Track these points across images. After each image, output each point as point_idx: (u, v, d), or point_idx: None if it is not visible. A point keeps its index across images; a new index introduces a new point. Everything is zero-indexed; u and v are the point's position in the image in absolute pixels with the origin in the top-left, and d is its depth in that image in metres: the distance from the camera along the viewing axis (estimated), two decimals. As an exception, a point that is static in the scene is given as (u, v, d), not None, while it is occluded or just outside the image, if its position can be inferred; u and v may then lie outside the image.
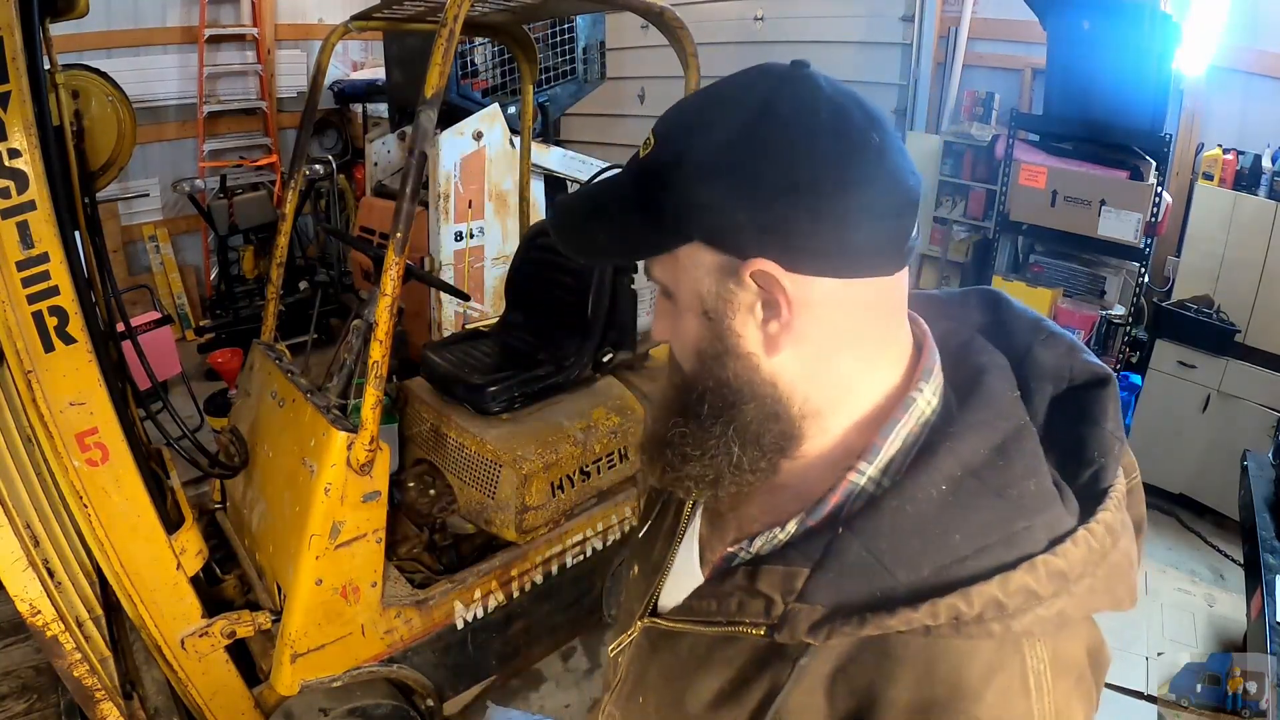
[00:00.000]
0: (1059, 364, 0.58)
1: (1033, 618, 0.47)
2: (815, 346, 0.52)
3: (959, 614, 0.47)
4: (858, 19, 4.52)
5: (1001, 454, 0.51)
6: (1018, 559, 0.48)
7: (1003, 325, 0.61)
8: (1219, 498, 3.16)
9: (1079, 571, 0.48)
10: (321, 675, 1.71)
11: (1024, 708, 0.48)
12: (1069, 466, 0.54)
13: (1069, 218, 2.91)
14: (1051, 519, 0.49)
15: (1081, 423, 0.55)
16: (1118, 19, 2.73)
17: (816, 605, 0.50)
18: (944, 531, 0.49)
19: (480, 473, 2.04)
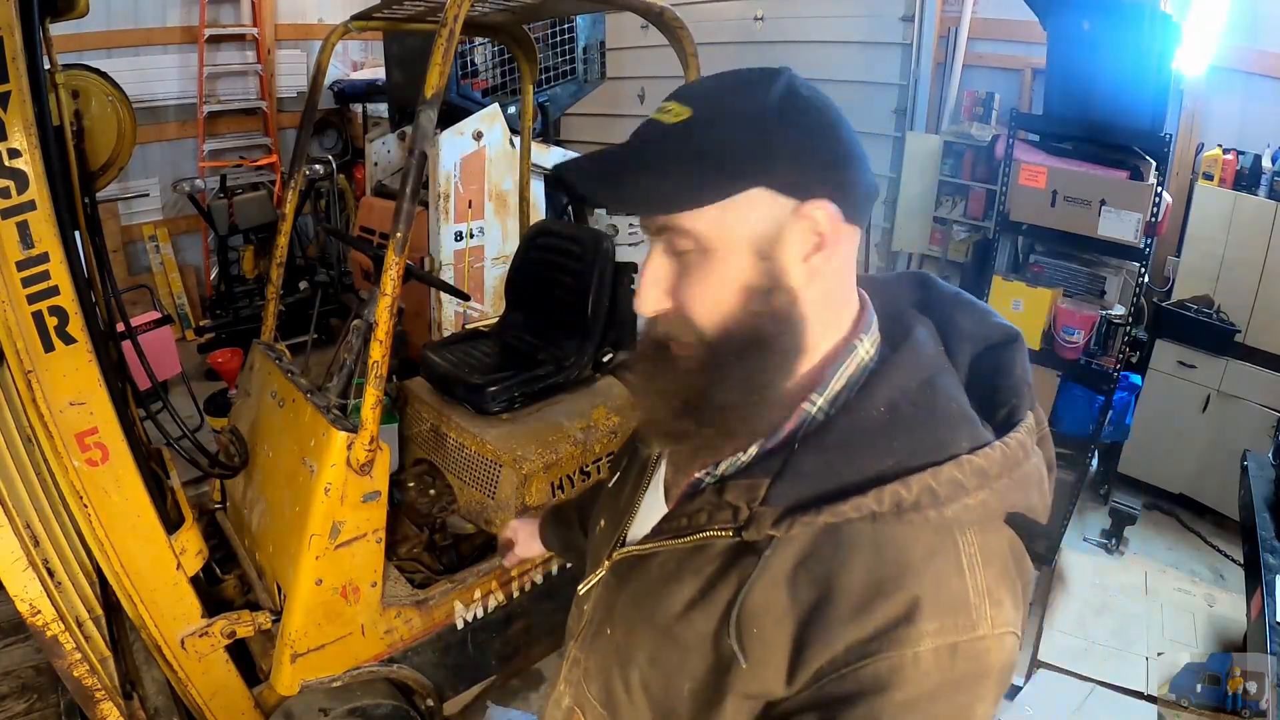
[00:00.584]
0: (975, 327, 0.68)
1: (960, 506, 0.56)
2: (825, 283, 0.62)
3: (900, 499, 0.55)
4: (858, 19, 4.51)
5: (929, 385, 0.61)
6: (946, 458, 0.57)
7: (929, 300, 0.72)
8: (1219, 498, 3.16)
9: (997, 471, 0.58)
10: (321, 675, 1.71)
11: (960, 584, 0.56)
12: (987, 409, 0.63)
13: (1069, 218, 2.91)
14: (972, 432, 0.60)
15: (996, 374, 0.66)
16: (1118, 19, 2.73)
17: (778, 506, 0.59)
18: (885, 441, 0.58)
19: (480, 473, 2.04)
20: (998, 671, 0.57)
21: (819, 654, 0.56)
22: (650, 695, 0.67)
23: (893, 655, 0.53)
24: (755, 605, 0.59)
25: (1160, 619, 2.72)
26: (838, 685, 0.55)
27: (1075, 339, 2.96)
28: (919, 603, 0.54)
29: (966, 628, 0.55)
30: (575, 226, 2.63)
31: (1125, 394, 3.20)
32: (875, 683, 0.53)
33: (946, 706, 0.54)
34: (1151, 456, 3.38)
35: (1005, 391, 0.64)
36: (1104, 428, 2.97)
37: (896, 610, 0.54)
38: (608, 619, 0.74)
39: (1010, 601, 0.58)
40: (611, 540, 0.77)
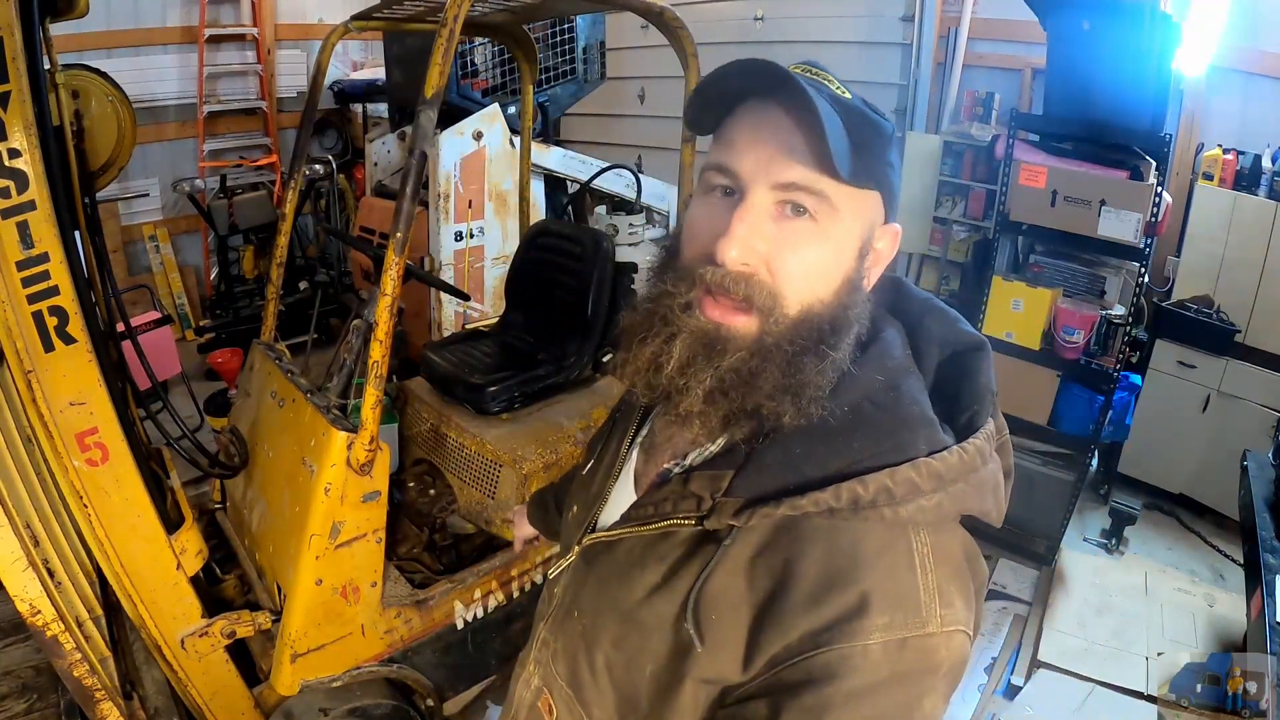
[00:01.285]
0: (944, 333, 0.70)
1: (915, 507, 0.58)
2: None
3: (857, 497, 0.57)
4: (858, 19, 4.52)
5: (892, 388, 0.63)
6: (904, 459, 0.58)
7: (901, 303, 0.73)
8: (1219, 498, 3.16)
9: (953, 475, 0.59)
10: (321, 675, 1.70)
11: (910, 581, 0.57)
12: (950, 414, 0.65)
13: (1069, 218, 2.90)
14: (931, 435, 0.61)
15: (961, 379, 0.67)
16: (1118, 19, 2.73)
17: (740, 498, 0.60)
18: (846, 440, 0.60)
19: (480, 473, 2.04)
20: (947, 668, 0.58)
21: (773, 641, 0.57)
22: (614, 677, 0.69)
23: (843, 646, 0.55)
24: (714, 591, 0.61)
25: (1160, 619, 2.72)
26: (789, 673, 0.56)
27: (1075, 339, 2.96)
28: (870, 596, 0.56)
29: (916, 624, 0.56)
30: (575, 226, 2.63)
31: (1125, 394, 3.20)
32: (825, 672, 0.55)
33: (892, 699, 0.56)
34: (1151, 456, 3.38)
35: (968, 397, 0.66)
36: (1104, 428, 2.97)
37: (848, 602, 0.56)
38: (575, 602, 0.75)
39: (961, 601, 0.59)
40: (582, 526, 0.79)
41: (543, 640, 0.80)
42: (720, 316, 0.61)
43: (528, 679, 0.82)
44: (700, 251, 0.61)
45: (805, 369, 0.60)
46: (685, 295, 0.61)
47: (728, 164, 0.61)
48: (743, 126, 0.61)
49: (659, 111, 5.34)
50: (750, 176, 0.59)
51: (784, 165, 0.58)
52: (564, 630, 0.76)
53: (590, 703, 0.71)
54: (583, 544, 0.76)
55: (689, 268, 0.62)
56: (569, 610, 0.76)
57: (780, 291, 0.60)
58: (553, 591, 0.82)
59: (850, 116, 0.60)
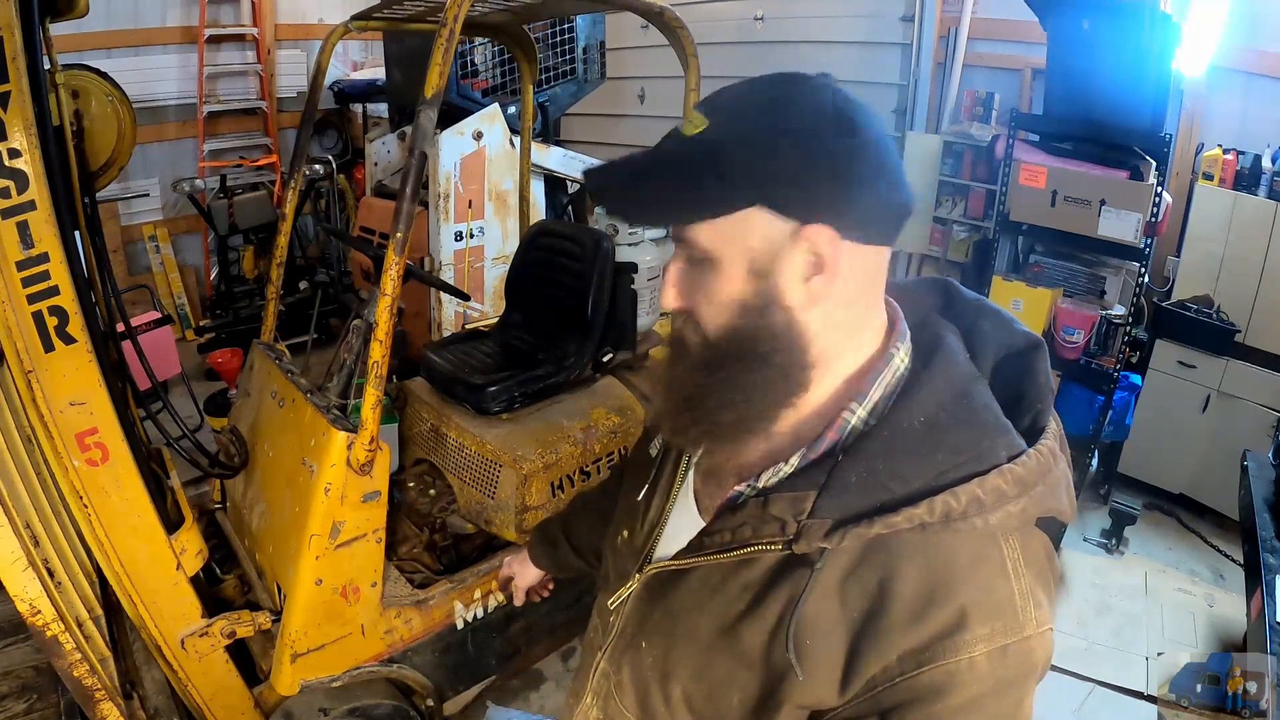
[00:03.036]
0: (999, 334, 0.70)
1: (1003, 514, 0.58)
2: (834, 304, 0.61)
3: (950, 509, 0.57)
4: (858, 19, 4.51)
5: (964, 395, 0.62)
6: (989, 467, 0.59)
7: (952, 306, 0.73)
8: (1219, 498, 3.16)
9: (1034, 479, 0.60)
10: (321, 675, 1.70)
11: (1006, 589, 0.58)
12: (1013, 414, 0.64)
13: (1069, 218, 2.91)
14: (1009, 441, 0.61)
15: (1021, 379, 0.67)
16: (1118, 19, 2.73)
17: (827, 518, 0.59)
18: (928, 452, 0.59)
19: (480, 473, 2.04)
20: (1041, 667, 0.60)
21: (873, 663, 0.57)
22: (693, 709, 0.68)
23: (948, 663, 0.55)
24: (808, 617, 0.60)
25: (1160, 619, 2.72)
26: (893, 694, 0.57)
27: (1075, 339, 2.96)
28: (969, 609, 0.56)
29: (1014, 630, 0.57)
30: (575, 226, 2.63)
31: (1125, 394, 3.20)
32: (932, 689, 0.55)
33: (999, 704, 0.57)
34: (1151, 456, 3.38)
35: (1030, 398, 0.66)
36: (1104, 428, 2.97)
37: (949, 618, 0.56)
38: (640, 632, 0.74)
39: (1048, 599, 0.61)
40: (640, 553, 0.77)
41: (603, 671, 0.79)
42: None
43: (585, 711, 0.81)
44: None
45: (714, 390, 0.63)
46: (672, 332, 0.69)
47: None
48: None
49: (659, 111, 5.34)
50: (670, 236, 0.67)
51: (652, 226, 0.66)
52: (629, 661, 0.75)
53: None
54: (645, 572, 0.74)
55: None
56: (634, 640, 0.75)
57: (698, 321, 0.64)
58: (608, 621, 0.80)
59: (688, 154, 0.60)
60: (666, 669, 0.70)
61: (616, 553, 0.83)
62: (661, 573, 0.72)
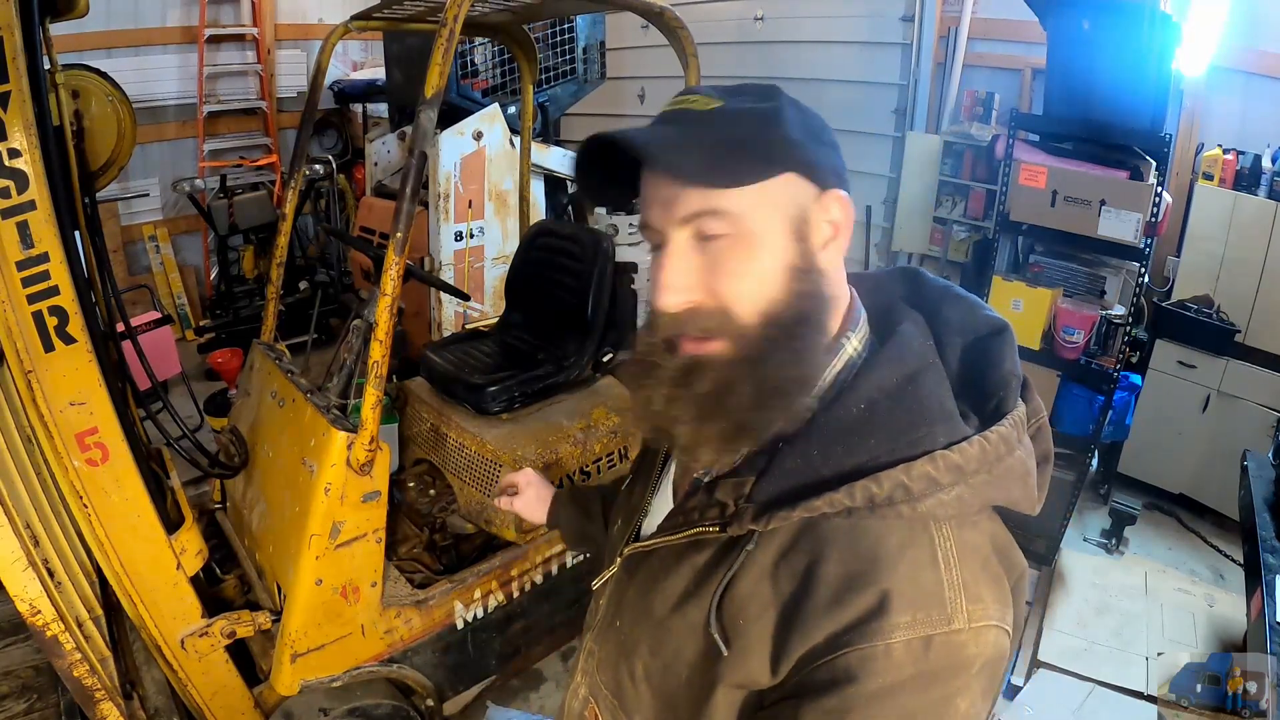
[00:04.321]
0: (963, 319, 0.69)
1: (934, 501, 0.57)
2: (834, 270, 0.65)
3: (873, 495, 0.57)
4: (858, 19, 4.51)
5: (910, 381, 0.62)
6: (920, 453, 0.58)
7: (918, 292, 0.73)
8: (1219, 498, 3.16)
9: (974, 467, 0.58)
10: (321, 675, 1.70)
11: (933, 578, 0.57)
12: (976, 400, 0.64)
13: (1069, 218, 2.90)
14: (951, 428, 0.60)
15: (986, 365, 0.66)
16: (1118, 19, 2.73)
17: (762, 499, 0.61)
18: (862, 438, 0.60)
19: (480, 473, 2.04)
20: (980, 665, 0.57)
21: (798, 645, 0.58)
22: (652, 684, 0.70)
23: (864, 647, 0.55)
24: (741, 596, 0.62)
25: (1160, 619, 2.72)
26: (814, 675, 0.57)
27: (1075, 339, 2.96)
28: (890, 595, 0.55)
29: (941, 621, 0.56)
30: (575, 226, 2.63)
31: (1125, 394, 3.20)
32: (847, 674, 0.55)
33: (920, 699, 0.55)
34: (1151, 456, 3.38)
35: (994, 383, 0.65)
36: (1104, 428, 2.97)
37: (869, 602, 0.56)
38: (618, 612, 0.77)
39: (991, 594, 0.59)
40: (625, 537, 0.81)
41: (589, 650, 0.82)
42: (695, 348, 0.63)
43: (575, 689, 0.84)
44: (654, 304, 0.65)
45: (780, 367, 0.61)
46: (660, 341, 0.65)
47: (646, 221, 0.65)
48: (645, 182, 0.66)
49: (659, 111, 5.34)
50: (662, 224, 0.63)
51: (679, 201, 0.61)
52: (607, 639, 0.78)
53: (632, 710, 0.72)
54: (624, 554, 0.77)
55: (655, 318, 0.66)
56: (612, 620, 0.78)
57: (729, 310, 0.61)
58: (598, 603, 0.83)
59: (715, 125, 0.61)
60: (631, 646, 0.72)
61: (610, 539, 0.88)
62: (635, 554, 0.75)
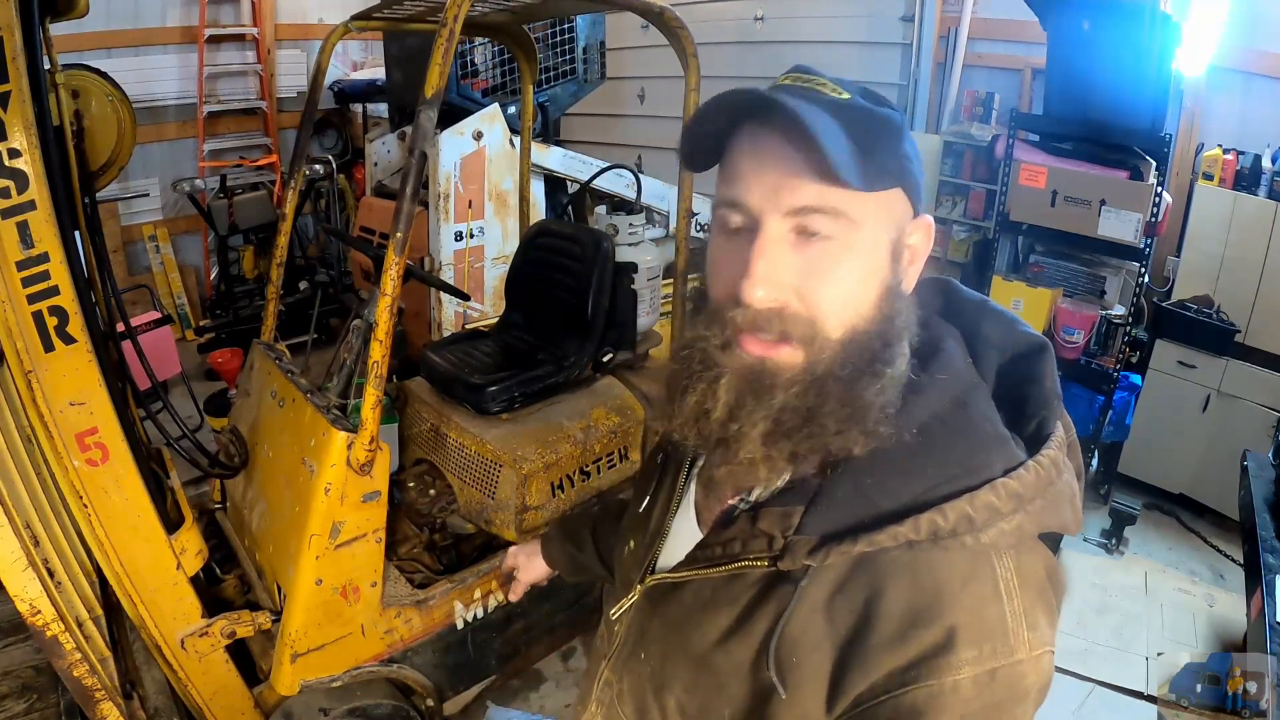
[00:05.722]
0: (1002, 336, 0.66)
1: (996, 531, 0.56)
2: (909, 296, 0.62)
3: (937, 528, 0.55)
4: (858, 19, 4.52)
5: (960, 405, 0.60)
6: (981, 482, 0.56)
7: (954, 307, 0.70)
8: (1219, 498, 3.16)
9: (1031, 493, 0.57)
10: (321, 675, 1.70)
11: (997, 610, 0.55)
12: (1016, 421, 0.62)
13: (1069, 218, 2.91)
14: (1006, 453, 0.59)
15: (1025, 384, 0.64)
16: (1118, 19, 2.73)
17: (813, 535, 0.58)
18: (919, 466, 0.57)
19: (480, 473, 2.04)
20: (1037, 691, 0.57)
21: (858, 681, 0.55)
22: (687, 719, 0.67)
23: (932, 683, 0.53)
24: (793, 634, 0.59)
25: (1160, 619, 2.72)
26: (876, 711, 0.55)
27: (1075, 339, 2.96)
28: (956, 630, 0.54)
29: (1005, 653, 0.55)
30: (575, 226, 2.63)
31: (1125, 394, 3.20)
32: (914, 710, 0.53)
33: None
34: (1151, 456, 3.38)
35: (1034, 403, 0.63)
36: (1104, 428, 2.97)
37: (934, 638, 0.54)
38: (641, 643, 0.73)
39: (1046, 620, 0.58)
40: (643, 564, 0.76)
41: (605, 679, 0.78)
42: (763, 351, 0.57)
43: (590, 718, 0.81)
44: (727, 294, 0.58)
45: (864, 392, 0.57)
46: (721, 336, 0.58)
47: (736, 198, 0.58)
48: (744, 157, 0.58)
49: (659, 111, 5.34)
50: (760, 208, 0.57)
51: (792, 189, 0.55)
52: (630, 670, 0.74)
53: None
54: (646, 584, 0.73)
55: (719, 310, 0.59)
56: (635, 650, 0.74)
57: (818, 319, 0.56)
58: (613, 630, 0.79)
59: (852, 118, 0.56)
60: (662, 680, 0.69)
61: (622, 563, 0.82)
62: (660, 584, 0.71)
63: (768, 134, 0.56)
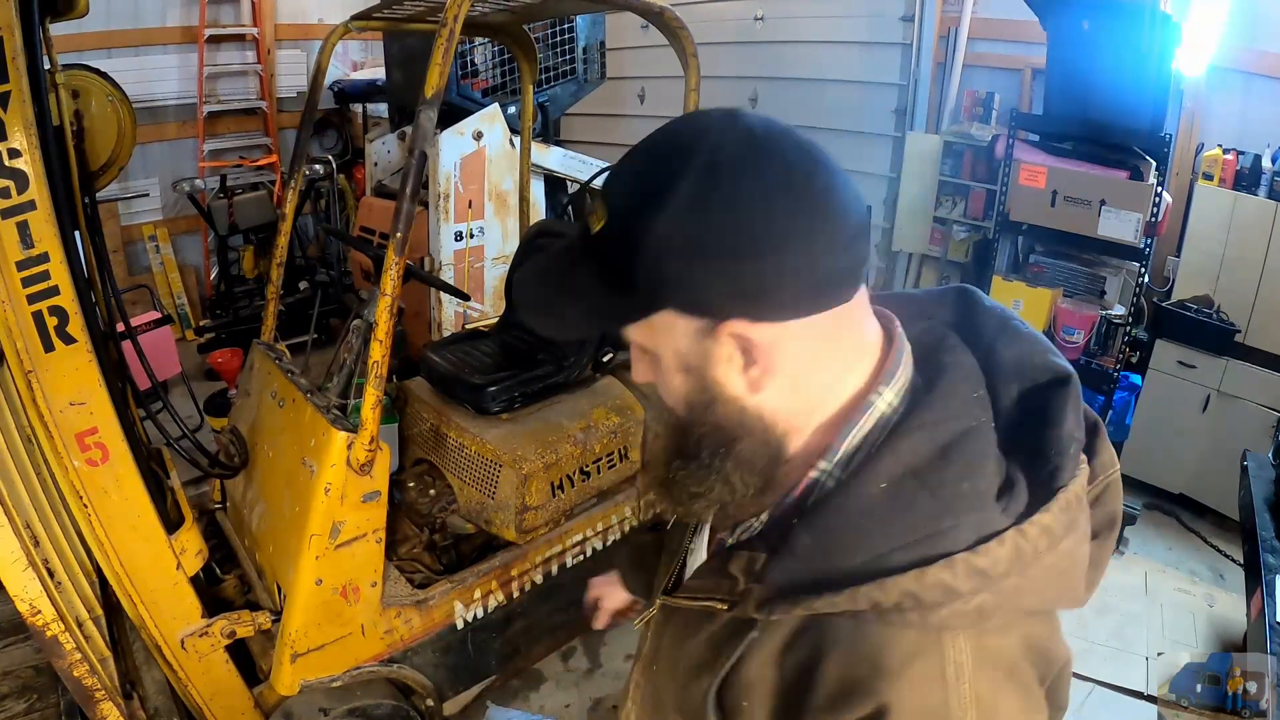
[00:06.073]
0: (1020, 361, 0.60)
1: (950, 611, 0.51)
2: (791, 376, 0.56)
3: (877, 602, 0.51)
4: (858, 19, 4.51)
5: (943, 455, 0.54)
6: (939, 555, 0.51)
7: (972, 322, 0.64)
8: (1219, 498, 3.16)
9: (1003, 570, 0.51)
10: (321, 675, 1.71)
11: (940, 696, 0.51)
12: (1029, 461, 0.56)
13: (1069, 218, 2.91)
14: (981, 519, 0.52)
15: (1042, 423, 0.57)
16: (1118, 19, 2.73)
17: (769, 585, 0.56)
18: (879, 526, 0.53)
19: (480, 473, 2.04)
20: None
21: None
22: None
23: None
24: (747, 678, 0.59)
25: (1160, 619, 2.72)
26: None
27: (1075, 339, 2.96)
28: (889, 711, 0.51)
29: None
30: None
31: (1125, 394, 3.20)
32: None
33: None
34: (1151, 456, 3.38)
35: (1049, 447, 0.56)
36: (1104, 428, 2.97)
37: (864, 713, 0.51)
38: (657, 654, 0.76)
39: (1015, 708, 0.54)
40: (668, 578, 0.78)
41: (636, 682, 0.82)
42: None
43: (627, 714, 0.85)
44: None
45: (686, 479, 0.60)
46: None
47: None
48: None
49: (659, 111, 5.34)
50: None
51: None
52: (649, 678, 0.78)
53: None
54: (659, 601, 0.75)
55: None
56: (653, 659, 0.77)
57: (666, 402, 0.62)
58: (644, 636, 0.82)
59: (601, 254, 0.56)
60: (661, 697, 0.73)
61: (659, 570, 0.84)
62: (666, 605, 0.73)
63: None
